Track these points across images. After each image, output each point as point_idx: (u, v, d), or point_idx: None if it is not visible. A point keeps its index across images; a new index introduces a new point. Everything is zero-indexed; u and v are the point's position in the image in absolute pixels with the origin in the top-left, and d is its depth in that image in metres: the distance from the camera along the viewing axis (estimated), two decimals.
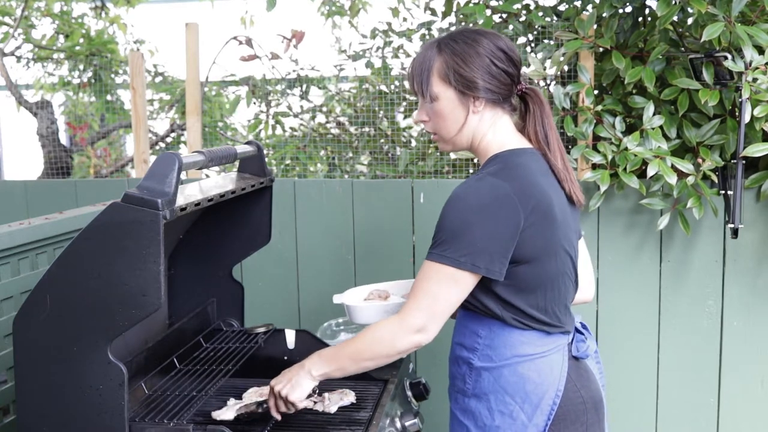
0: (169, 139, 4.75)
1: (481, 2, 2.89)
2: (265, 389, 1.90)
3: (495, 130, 1.69)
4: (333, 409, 1.80)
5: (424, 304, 1.59)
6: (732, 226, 2.49)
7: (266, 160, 2.18)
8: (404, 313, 1.61)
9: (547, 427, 1.65)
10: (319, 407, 1.81)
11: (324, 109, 3.95)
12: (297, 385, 1.68)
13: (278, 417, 1.73)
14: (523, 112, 1.75)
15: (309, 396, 1.75)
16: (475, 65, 1.63)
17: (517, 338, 1.66)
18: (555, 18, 3.01)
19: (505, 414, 1.66)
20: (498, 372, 1.66)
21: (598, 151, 2.58)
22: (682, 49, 2.70)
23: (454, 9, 3.30)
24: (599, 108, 2.67)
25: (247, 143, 1.95)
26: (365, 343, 1.64)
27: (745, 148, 2.41)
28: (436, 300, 1.59)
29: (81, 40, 5.04)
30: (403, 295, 2.05)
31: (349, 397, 1.84)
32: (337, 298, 1.99)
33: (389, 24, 3.81)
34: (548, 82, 3.09)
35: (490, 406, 1.67)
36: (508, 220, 1.56)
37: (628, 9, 2.81)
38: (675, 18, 2.58)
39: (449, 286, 1.58)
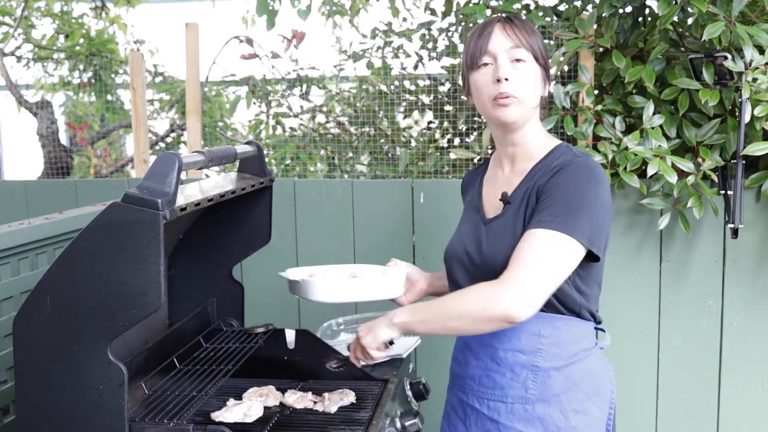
0: (169, 139, 4.75)
1: (481, 2, 2.89)
2: (265, 389, 1.90)
3: (539, 123, 1.75)
4: (333, 409, 1.80)
5: (530, 274, 1.49)
6: (732, 226, 2.49)
7: (266, 160, 2.18)
8: (506, 280, 1.50)
9: (612, 417, 1.68)
10: (319, 407, 1.81)
11: (324, 109, 3.95)
12: (372, 331, 1.66)
13: (357, 364, 1.78)
14: None
15: (387, 345, 1.71)
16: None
17: (581, 331, 1.67)
18: (555, 18, 3.01)
19: (580, 412, 1.64)
20: (569, 369, 1.64)
21: (599, 151, 2.58)
22: (682, 49, 2.70)
23: (454, 9, 3.31)
24: (599, 108, 2.67)
25: (247, 143, 1.95)
26: (457, 300, 1.56)
27: (745, 147, 2.41)
28: (546, 271, 1.51)
29: (81, 40, 5.04)
30: (350, 273, 2.05)
31: (349, 397, 1.84)
32: (289, 274, 1.96)
33: (389, 24, 3.81)
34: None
35: (563, 407, 1.63)
36: (610, 204, 1.64)
37: (628, 9, 2.81)
38: (675, 18, 2.57)
39: (564, 260, 1.53)
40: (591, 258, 1.59)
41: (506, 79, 1.63)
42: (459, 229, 1.84)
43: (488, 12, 2.93)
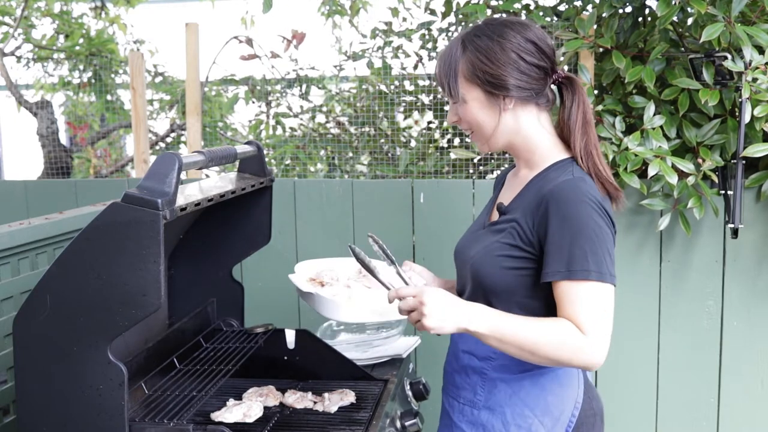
0: (169, 139, 4.75)
1: (481, 2, 2.89)
2: (265, 389, 1.90)
3: (539, 128, 1.61)
4: (333, 409, 1.80)
5: (606, 329, 1.45)
6: (732, 226, 2.49)
7: (266, 160, 2.17)
8: (595, 337, 1.44)
9: None
10: (319, 407, 1.81)
11: (324, 109, 3.95)
12: (443, 320, 1.45)
13: (403, 315, 1.51)
14: (559, 102, 1.66)
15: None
16: (501, 62, 1.54)
17: None
18: (555, 18, 3.01)
19: (522, 427, 1.59)
20: (517, 384, 1.60)
21: None
22: (682, 49, 2.70)
23: (454, 9, 3.31)
24: (600, 108, 2.67)
25: (247, 143, 1.95)
26: (544, 338, 1.44)
27: (745, 148, 2.41)
28: (610, 324, 1.46)
29: (81, 40, 5.04)
30: (355, 277, 1.90)
31: (349, 397, 1.84)
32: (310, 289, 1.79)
33: (389, 24, 3.81)
34: None
35: (505, 419, 1.60)
36: (608, 228, 1.52)
37: (628, 9, 2.81)
38: (675, 18, 2.57)
39: (612, 306, 1.47)
40: None
41: (455, 123, 1.65)
42: (469, 227, 1.80)
43: (489, 12, 2.93)
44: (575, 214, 1.47)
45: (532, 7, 3.11)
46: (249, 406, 1.78)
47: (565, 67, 2.84)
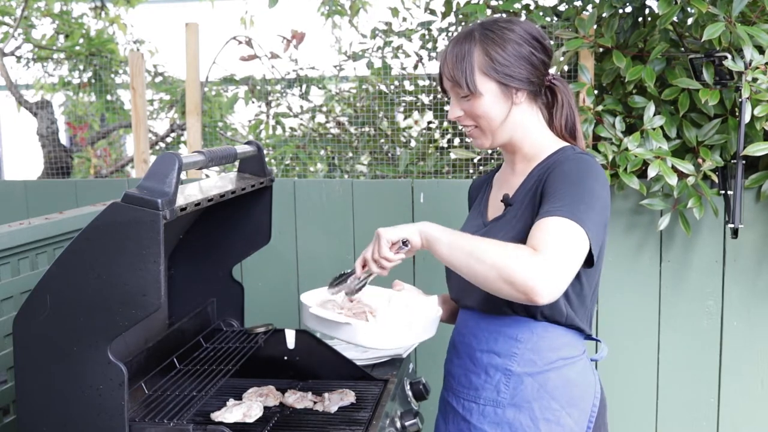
0: (169, 139, 4.75)
1: (481, 2, 2.89)
2: (265, 389, 1.90)
3: (539, 125, 1.67)
4: (333, 409, 1.80)
5: (556, 257, 1.39)
6: (732, 226, 2.49)
7: (266, 160, 2.17)
8: (545, 253, 1.39)
9: (590, 431, 1.62)
10: (319, 407, 1.81)
11: (324, 109, 3.95)
12: (396, 227, 1.53)
13: (370, 268, 1.59)
14: (550, 104, 1.71)
15: (401, 247, 1.54)
16: (517, 55, 1.59)
17: (561, 340, 1.61)
18: (555, 18, 3.01)
19: (551, 421, 1.59)
20: (543, 377, 1.60)
21: (599, 152, 2.58)
22: (682, 49, 2.70)
23: (454, 9, 3.31)
24: (600, 108, 2.67)
25: (247, 143, 1.95)
26: (490, 244, 1.45)
27: (745, 147, 2.41)
28: (571, 262, 1.42)
29: (81, 40, 5.04)
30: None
31: (349, 397, 1.84)
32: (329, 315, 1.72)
33: (389, 24, 3.81)
34: None
35: (533, 414, 1.59)
36: (608, 204, 1.56)
37: (628, 9, 2.81)
38: (675, 18, 2.57)
39: (581, 252, 1.44)
40: (586, 262, 1.49)
41: (456, 119, 1.65)
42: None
43: (488, 12, 2.92)
44: (574, 171, 1.53)
45: (532, 7, 3.11)
46: (249, 406, 1.78)
47: (565, 67, 2.84)
